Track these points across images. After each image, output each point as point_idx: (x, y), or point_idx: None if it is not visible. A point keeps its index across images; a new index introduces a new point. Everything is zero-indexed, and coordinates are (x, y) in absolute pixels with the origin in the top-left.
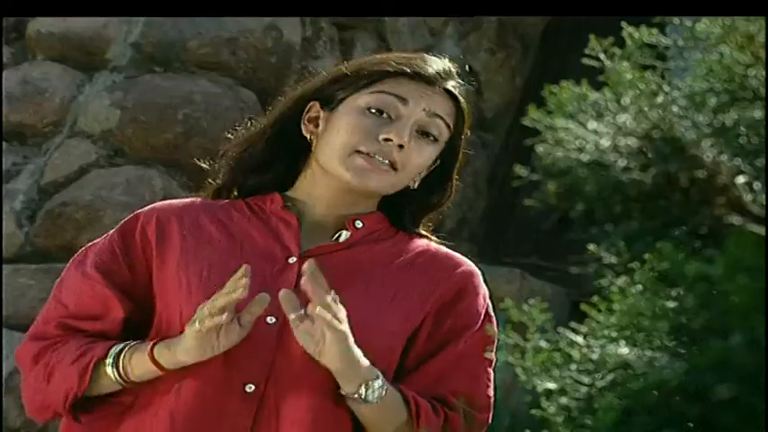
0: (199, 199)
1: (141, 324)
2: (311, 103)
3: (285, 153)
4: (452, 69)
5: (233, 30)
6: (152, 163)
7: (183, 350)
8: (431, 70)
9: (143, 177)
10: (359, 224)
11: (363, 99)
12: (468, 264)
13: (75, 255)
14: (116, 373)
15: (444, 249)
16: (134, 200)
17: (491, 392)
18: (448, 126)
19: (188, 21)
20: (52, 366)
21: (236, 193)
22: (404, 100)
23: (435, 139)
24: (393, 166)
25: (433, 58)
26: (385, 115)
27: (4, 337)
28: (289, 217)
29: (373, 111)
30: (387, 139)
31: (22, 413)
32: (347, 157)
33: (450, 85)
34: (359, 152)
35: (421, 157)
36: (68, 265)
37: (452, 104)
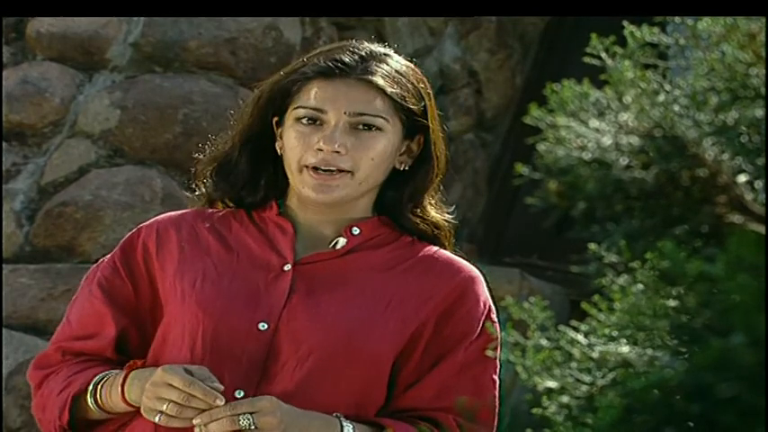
0: (199, 209)
1: (144, 339)
2: (274, 119)
3: (273, 164)
4: (372, 51)
5: (233, 30)
6: (152, 163)
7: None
8: (341, 63)
9: (143, 177)
10: (356, 231)
11: (294, 112)
12: (470, 269)
13: (89, 271)
14: (96, 406)
15: (446, 254)
16: (134, 200)
17: (495, 403)
18: (381, 117)
19: (188, 21)
20: (45, 397)
21: (231, 204)
22: (322, 111)
23: (379, 128)
24: (345, 170)
25: (349, 46)
26: (318, 122)
27: (3, 337)
28: (284, 223)
29: (304, 121)
30: (319, 149)
31: (23, 413)
32: (300, 175)
33: (365, 71)
34: (306, 167)
35: (371, 150)
36: (82, 281)
37: (376, 91)
